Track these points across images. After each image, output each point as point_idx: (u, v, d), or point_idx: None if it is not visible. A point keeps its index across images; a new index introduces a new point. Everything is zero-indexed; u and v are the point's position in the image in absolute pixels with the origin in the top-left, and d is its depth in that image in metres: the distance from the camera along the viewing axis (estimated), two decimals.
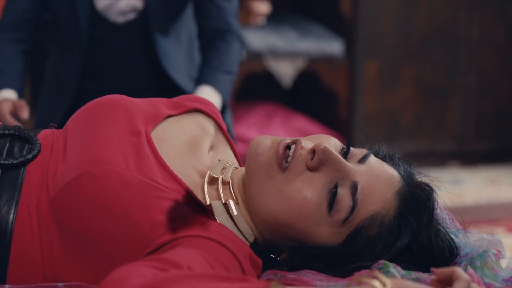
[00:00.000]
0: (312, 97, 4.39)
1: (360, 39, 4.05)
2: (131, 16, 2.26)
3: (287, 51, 3.92)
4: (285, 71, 3.94)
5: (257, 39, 3.85)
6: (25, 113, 1.99)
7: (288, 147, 1.28)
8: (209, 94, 2.20)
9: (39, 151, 1.35)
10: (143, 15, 2.26)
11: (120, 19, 2.26)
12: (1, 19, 2.27)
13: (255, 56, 3.85)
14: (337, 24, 4.11)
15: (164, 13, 2.26)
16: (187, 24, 2.37)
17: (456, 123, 4.30)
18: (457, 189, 3.88)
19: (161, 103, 1.43)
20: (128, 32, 2.26)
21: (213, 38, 2.31)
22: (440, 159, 4.25)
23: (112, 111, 1.37)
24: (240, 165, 1.46)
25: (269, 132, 3.88)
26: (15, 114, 2.00)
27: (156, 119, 1.38)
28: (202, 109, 1.46)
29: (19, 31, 2.25)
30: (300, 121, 4.10)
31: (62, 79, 2.30)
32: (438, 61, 4.19)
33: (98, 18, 2.24)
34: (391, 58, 4.12)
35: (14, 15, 2.24)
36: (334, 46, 4.01)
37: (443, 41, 4.18)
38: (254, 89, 4.24)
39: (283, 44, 3.91)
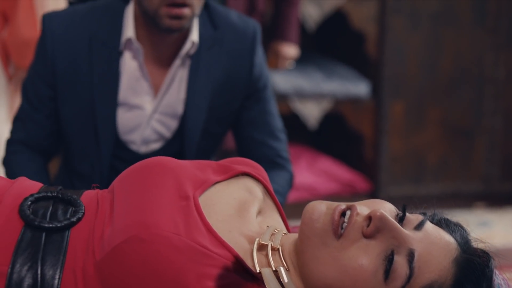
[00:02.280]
0: (337, 138, 4.37)
1: (386, 80, 4.03)
2: (155, 146, 2.13)
3: (313, 93, 3.91)
4: (311, 112, 3.91)
5: (283, 80, 3.83)
6: None
7: (343, 213, 1.26)
8: None
9: (83, 213, 1.32)
10: (168, 143, 2.12)
11: (143, 149, 2.12)
12: (14, 139, 2.11)
13: (281, 97, 3.83)
14: (363, 65, 4.10)
15: (198, 148, 2.13)
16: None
17: (482, 164, 4.26)
18: (484, 231, 3.84)
19: (209, 167, 1.41)
20: None
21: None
22: (467, 201, 4.22)
23: (160, 174, 1.35)
24: (288, 231, 1.43)
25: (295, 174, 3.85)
26: None
27: (204, 185, 1.36)
28: (250, 173, 1.44)
29: (38, 149, 2.10)
30: (326, 163, 4.07)
31: None
32: (464, 101, 4.16)
33: (118, 147, 2.10)
34: (417, 99, 4.09)
35: (26, 137, 2.09)
36: (359, 87, 4.00)
37: (469, 82, 4.16)
38: None
39: (309, 86, 3.89)
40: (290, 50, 3.39)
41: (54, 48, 2.04)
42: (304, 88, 3.88)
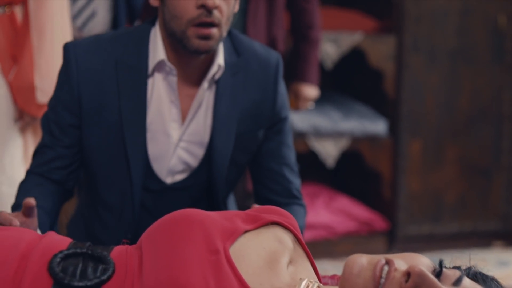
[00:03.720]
0: (355, 176, 4.34)
1: (403, 118, 4.02)
2: (179, 177, 2.07)
3: (331, 131, 3.89)
4: (329, 151, 3.90)
5: (301, 119, 3.82)
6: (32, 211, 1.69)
7: None
8: None
9: (113, 271, 1.30)
10: (195, 172, 2.07)
11: (169, 180, 2.06)
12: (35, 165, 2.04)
13: (299, 136, 3.82)
14: (380, 104, 4.09)
15: (226, 178, 2.08)
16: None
17: (501, 202, 4.23)
18: (503, 271, 3.80)
19: (237, 217, 1.39)
20: (174, 193, 2.06)
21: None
22: (485, 240, 4.17)
23: (188, 227, 1.33)
24: (320, 281, 1.41)
25: (312, 213, 3.83)
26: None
27: (234, 235, 1.34)
28: (280, 222, 1.42)
29: (53, 179, 2.02)
30: (343, 202, 4.05)
31: (105, 242, 2.00)
32: (482, 140, 4.14)
33: (147, 178, 2.03)
34: (435, 137, 4.07)
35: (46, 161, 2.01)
36: (377, 126, 3.98)
37: (487, 120, 4.14)
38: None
39: (327, 124, 3.88)
40: (311, 91, 3.36)
41: (79, 75, 1.98)
42: (322, 126, 3.87)
